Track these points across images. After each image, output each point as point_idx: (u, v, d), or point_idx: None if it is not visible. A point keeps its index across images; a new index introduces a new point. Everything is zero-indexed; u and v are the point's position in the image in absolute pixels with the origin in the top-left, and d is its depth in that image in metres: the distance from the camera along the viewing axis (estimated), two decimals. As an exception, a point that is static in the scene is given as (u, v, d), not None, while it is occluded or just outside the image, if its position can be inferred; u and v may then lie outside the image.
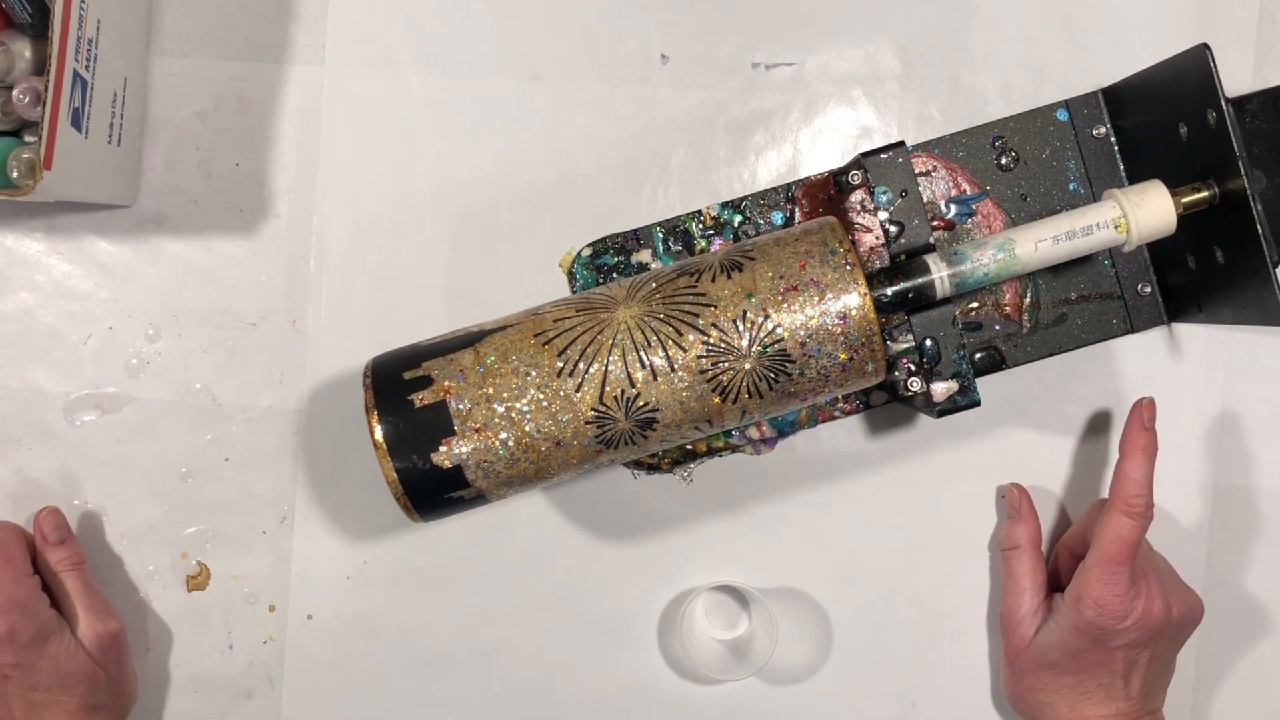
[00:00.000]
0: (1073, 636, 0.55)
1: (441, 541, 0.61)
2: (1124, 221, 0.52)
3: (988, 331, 0.60)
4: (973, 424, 0.61)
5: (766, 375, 0.49)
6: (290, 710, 0.61)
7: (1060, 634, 0.55)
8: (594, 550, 0.61)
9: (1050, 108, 0.60)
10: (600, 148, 0.61)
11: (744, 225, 0.60)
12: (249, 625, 0.61)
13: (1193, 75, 0.53)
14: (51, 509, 0.59)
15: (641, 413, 0.49)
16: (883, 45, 0.61)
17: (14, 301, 0.60)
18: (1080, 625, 0.54)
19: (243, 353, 0.61)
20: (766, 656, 0.58)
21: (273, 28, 0.60)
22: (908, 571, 0.62)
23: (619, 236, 0.60)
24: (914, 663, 0.62)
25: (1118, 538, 0.53)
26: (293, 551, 0.61)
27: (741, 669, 0.60)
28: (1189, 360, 0.62)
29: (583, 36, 0.61)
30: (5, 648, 0.53)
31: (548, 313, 0.51)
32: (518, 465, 0.49)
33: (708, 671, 0.59)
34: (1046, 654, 0.56)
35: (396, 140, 0.61)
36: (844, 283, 0.49)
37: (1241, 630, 0.62)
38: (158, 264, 0.60)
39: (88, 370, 0.60)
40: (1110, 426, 0.62)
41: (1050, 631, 0.56)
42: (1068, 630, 0.55)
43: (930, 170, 0.60)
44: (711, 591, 0.62)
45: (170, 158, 0.60)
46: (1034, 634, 0.57)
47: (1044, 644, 0.56)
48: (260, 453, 0.61)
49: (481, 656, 0.61)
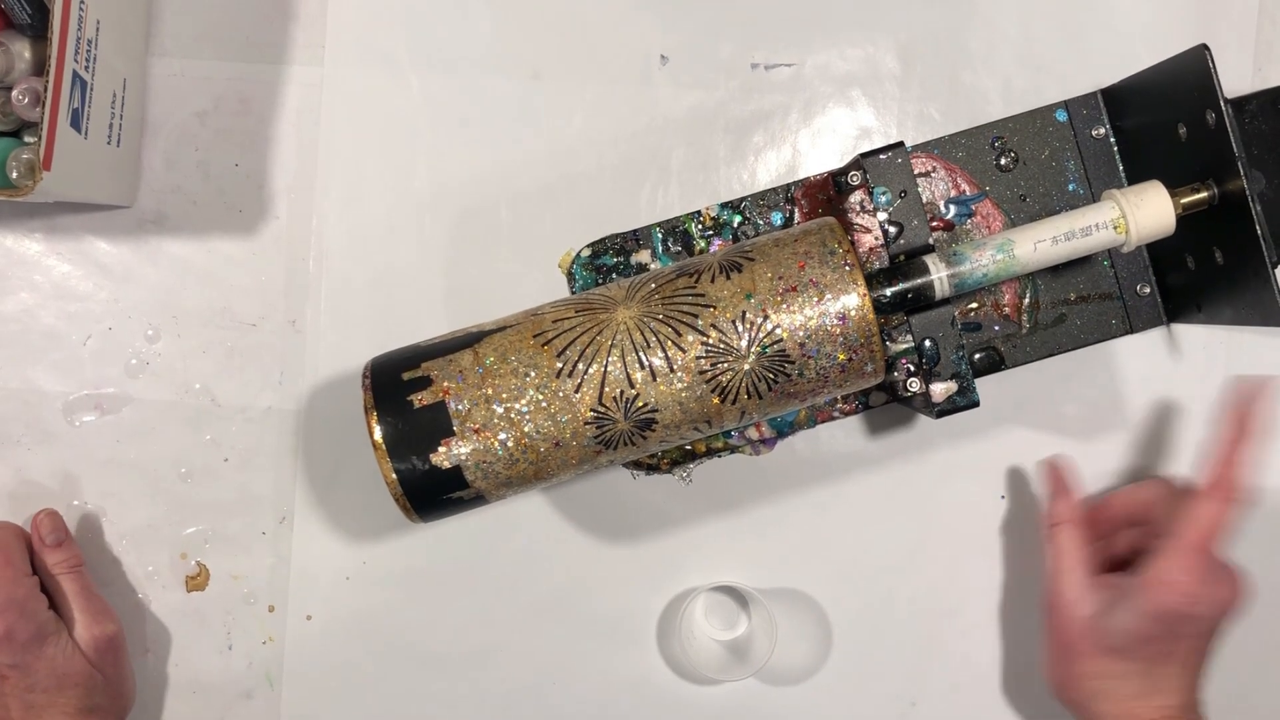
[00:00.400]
0: (1147, 622, 0.52)
1: (441, 542, 0.61)
2: (1123, 222, 0.52)
3: (987, 332, 0.60)
4: (972, 424, 0.61)
5: (765, 376, 0.49)
6: (290, 710, 0.61)
7: (1131, 618, 0.52)
8: (593, 550, 0.61)
9: (1050, 108, 0.60)
10: (600, 148, 0.61)
11: (743, 226, 0.60)
12: (248, 626, 0.61)
13: (1192, 76, 0.53)
14: (49, 511, 0.59)
15: (641, 413, 0.49)
16: (882, 46, 0.61)
17: (14, 302, 0.60)
18: (1158, 611, 0.51)
19: (242, 353, 0.61)
20: (766, 657, 0.58)
21: (273, 28, 0.61)
22: (907, 571, 0.62)
23: (618, 237, 0.60)
24: (914, 663, 0.62)
25: (1212, 521, 0.51)
26: (292, 552, 0.61)
27: (741, 669, 0.60)
28: (1188, 360, 0.62)
29: (583, 36, 0.61)
30: (3, 647, 0.54)
31: (547, 313, 0.51)
32: (517, 466, 0.49)
33: (707, 672, 0.59)
34: (1112, 639, 0.53)
35: (396, 140, 0.61)
36: (843, 283, 0.49)
37: (1241, 630, 0.62)
38: (157, 264, 0.60)
39: (87, 371, 0.60)
40: (1109, 426, 0.62)
41: (1118, 616, 0.53)
42: (1141, 615, 0.52)
43: (929, 171, 0.60)
44: (711, 592, 0.62)
45: (170, 158, 0.60)
46: (1091, 615, 0.54)
47: (1109, 629, 0.53)
48: (260, 453, 0.61)
49: (481, 657, 0.61)
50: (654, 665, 0.61)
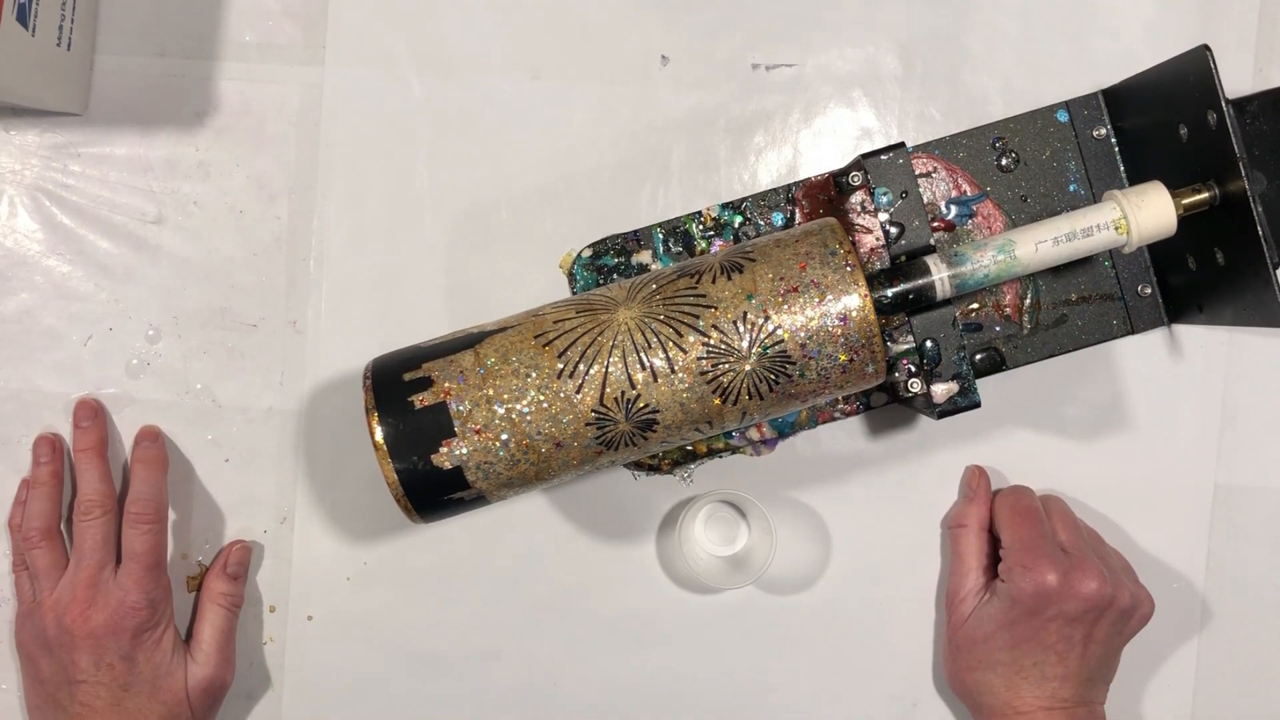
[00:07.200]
0: (1008, 606, 0.55)
1: (441, 542, 0.61)
2: (1124, 223, 0.52)
3: (988, 333, 0.60)
4: (973, 425, 0.61)
5: (767, 377, 0.49)
6: (290, 710, 0.61)
7: (996, 606, 0.56)
8: (594, 551, 0.61)
9: (1051, 109, 0.60)
10: (600, 148, 0.61)
11: (744, 226, 0.60)
12: (249, 625, 0.61)
13: (1193, 76, 0.53)
14: (245, 545, 0.60)
15: (642, 414, 0.49)
16: (883, 46, 0.61)
17: (14, 302, 0.60)
18: (1014, 594, 0.55)
19: (243, 354, 0.61)
20: (765, 564, 0.58)
21: (273, 28, 0.60)
22: (907, 572, 0.62)
23: (619, 237, 0.60)
24: (914, 663, 0.62)
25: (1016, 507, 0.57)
26: (293, 552, 0.61)
27: (740, 578, 0.59)
28: (1189, 361, 0.62)
29: (583, 36, 0.61)
30: (126, 639, 0.54)
31: (548, 314, 0.51)
32: (518, 466, 0.49)
33: (707, 580, 0.58)
34: (983, 626, 0.57)
35: (396, 140, 0.61)
36: (844, 284, 0.49)
37: (1242, 630, 0.62)
38: (158, 264, 0.60)
39: (88, 371, 0.60)
40: (1110, 427, 0.62)
41: (988, 605, 0.57)
42: (1003, 599, 0.56)
43: (930, 171, 0.60)
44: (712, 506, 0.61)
45: (170, 157, 0.60)
46: (972, 610, 0.58)
47: (980, 616, 0.57)
48: (260, 454, 0.61)
49: (481, 657, 0.61)
50: (654, 665, 0.61)
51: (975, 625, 0.57)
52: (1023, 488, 0.60)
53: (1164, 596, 0.59)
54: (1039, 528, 0.56)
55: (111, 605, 0.55)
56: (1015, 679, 0.56)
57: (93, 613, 0.54)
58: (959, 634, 0.58)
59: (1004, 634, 0.56)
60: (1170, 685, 0.62)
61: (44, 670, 0.56)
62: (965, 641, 0.58)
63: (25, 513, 0.58)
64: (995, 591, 0.57)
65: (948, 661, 0.60)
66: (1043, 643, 0.55)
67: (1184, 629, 0.62)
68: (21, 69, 0.51)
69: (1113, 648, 0.57)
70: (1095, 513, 0.62)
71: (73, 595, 0.55)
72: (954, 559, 0.60)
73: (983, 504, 0.60)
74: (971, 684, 0.58)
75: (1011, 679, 0.56)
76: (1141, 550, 0.62)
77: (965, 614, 0.58)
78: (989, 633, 0.56)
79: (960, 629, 0.58)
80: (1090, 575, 0.54)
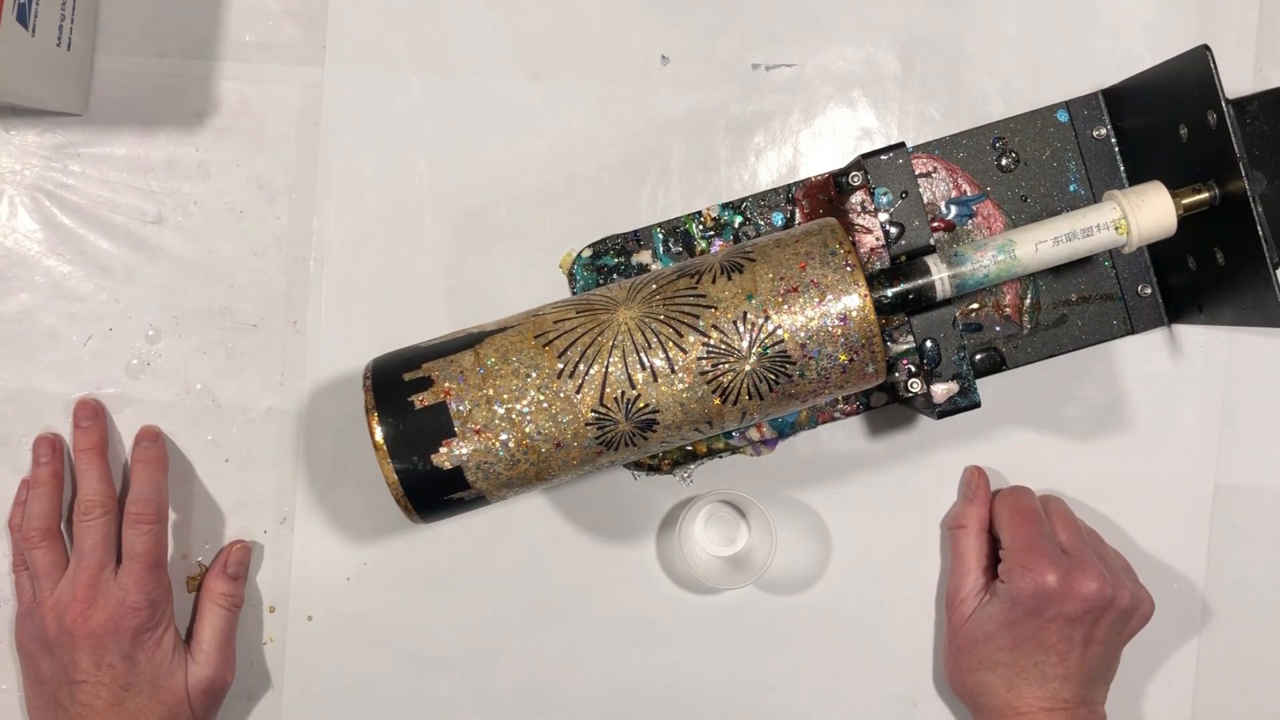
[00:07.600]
0: (1008, 607, 0.55)
1: (441, 542, 0.61)
2: (1124, 223, 0.52)
3: (988, 333, 0.60)
4: (973, 425, 0.61)
5: (767, 377, 0.49)
6: (290, 710, 0.61)
7: (996, 606, 0.56)
8: (594, 551, 0.61)
9: (1051, 109, 0.60)
10: (600, 148, 0.61)
11: (744, 226, 0.60)
12: (249, 625, 0.61)
13: (1193, 76, 0.53)
14: (245, 546, 0.60)
15: (642, 414, 0.49)
16: (883, 46, 0.61)
17: (14, 302, 0.60)
18: (1014, 594, 0.55)
19: (243, 354, 0.61)
20: (765, 565, 0.58)
21: (273, 28, 0.60)
22: (907, 572, 0.62)
23: (619, 237, 0.60)
24: (914, 663, 0.62)
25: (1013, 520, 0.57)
26: (293, 552, 0.61)
27: (740, 578, 0.59)
28: (1189, 361, 0.62)
29: (583, 36, 0.61)
30: (127, 639, 0.54)
31: (548, 314, 0.51)
32: (518, 467, 0.49)
33: (707, 581, 0.58)
34: (984, 626, 0.57)
35: (396, 140, 0.61)
36: (844, 284, 0.49)
37: (1242, 630, 0.62)
38: (158, 265, 0.60)
39: (88, 371, 0.60)
40: (1110, 427, 0.62)
41: (988, 605, 0.57)
42: (1003, 600, 0.56)
43: (930, 171, 0.60)
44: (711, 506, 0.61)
45: (170, 157, 0.60)
46: (973, 611, 0.58)
47: (981, 617, 0.57)
48: (260, 454, 0.61)
49: (481, 657, 0.61)
50: (654, 665, 0.61)
51: (975, 626, 0.57)
52: (1022, 488, 0.60)
53: (1164, 596, 0.59)
54: (1039, 528, 0.56)
55: (112, 605, 0.55)
56: (1016, 679, 0.56)
57: (93, 613, 0.55)
58: (959, 635, 0.58)
59: (1004, 634, 0.56)
60: (1170, 685, 0.62)
61: (44, 670, 0.56)
62: (966, 642, 0.58)
63: (25, 513, 0.58)
64: (995, 592, 0.57)
65: (948, 662, 0.60)
66: (1043, 643, 0.55)
67: (1184, 629, 0.62)
68: (21, 69, 0.51)
69: (1113, 648, 0.57)
70: (1095, 513, 0.62)
71: (73, 595, 0.55)
72: (954, 560, 0.60)
73: (982, 504, 0.60)
74: (972, 684, 0.58)
75: (1012, 679, 0.56)
76: (1141, 550, 0.62)
77: (965, 615, 0.58)
78: (989, 633, 0.56)
79: (960, 630, 0.58)
80: (1090, 575, 0.54)
